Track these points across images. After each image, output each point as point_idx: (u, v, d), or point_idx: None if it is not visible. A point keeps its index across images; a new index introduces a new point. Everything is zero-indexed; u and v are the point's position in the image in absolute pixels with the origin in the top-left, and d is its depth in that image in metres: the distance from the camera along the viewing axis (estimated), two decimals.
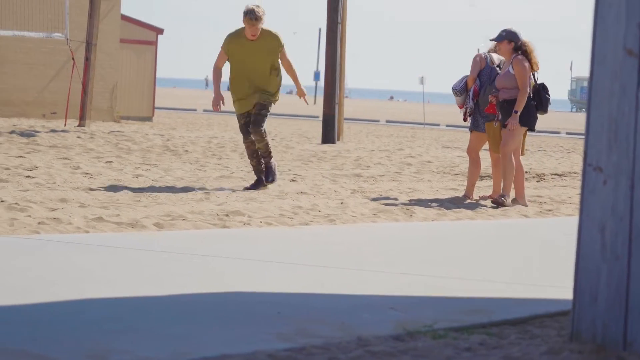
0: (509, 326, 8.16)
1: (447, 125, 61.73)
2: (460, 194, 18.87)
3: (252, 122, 18.14)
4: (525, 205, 18.15)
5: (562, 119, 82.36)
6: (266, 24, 17.83)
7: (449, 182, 22.06)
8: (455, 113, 25.41)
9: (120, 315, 7.88)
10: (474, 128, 19.05)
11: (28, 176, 17.79)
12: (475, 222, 16.37)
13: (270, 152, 18.68)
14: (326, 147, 30.98)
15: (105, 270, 9.94)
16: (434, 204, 17.65)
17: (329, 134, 34.29)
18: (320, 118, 36.88)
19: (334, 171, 22.89)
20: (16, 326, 7.30)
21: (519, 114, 17.58)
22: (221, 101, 18.50)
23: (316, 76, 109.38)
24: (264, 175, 18.60)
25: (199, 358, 6.66)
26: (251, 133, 18.23)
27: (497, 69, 18.67)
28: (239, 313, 8.19)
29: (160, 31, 57.24)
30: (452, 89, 19.09)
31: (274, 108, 19.12)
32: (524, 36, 18.00)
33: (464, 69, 19.38)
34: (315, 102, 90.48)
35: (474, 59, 19.04)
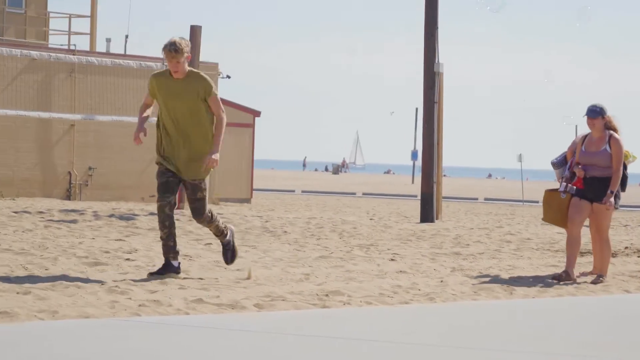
0: None
1: None
2: (560, 270, 18.74)
3: (192, 211, 15.92)
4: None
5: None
6: (357, 101, 17.06)
7: (549, 259, 21.95)
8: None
9: None
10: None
11: (128, 259, 17.90)
12: (578, 298, 16.27)
13: (224, 231, 16.37)
14: (425, 225, 30.95)
15: (206, 352, 9.98)
16: (534, 281, 17.60)
17: (427, 213, 34.31)
18: (419, 197, 36.89)
19: (433, 250, 22.84)
20: None
21: (614, 193, 17.49)
22: (142, 133, 15.76)
23: (414, 155, 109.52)
24: (176, 260, 15.80)
25: None
26: (196, 222, 16.26)
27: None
28: None
29: (257, 113, 57.68)
30: (551, 162, 19.05)
31: (369, 186, 18.27)
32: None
33: (562, 146, 19.26)
34: (413, 182, 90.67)
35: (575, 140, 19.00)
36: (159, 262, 17.75)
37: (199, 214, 15.78)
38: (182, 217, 28.60)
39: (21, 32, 49.37)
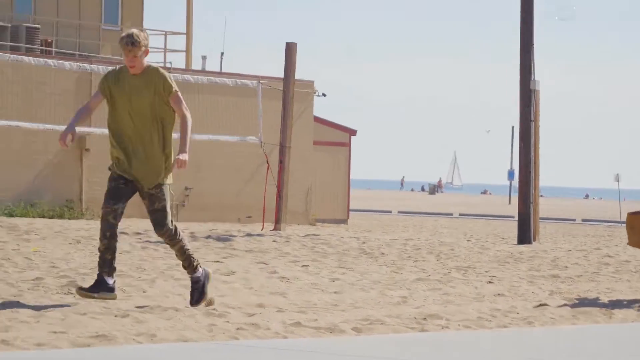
0: None
1: None
2: None
3: (152, 222, 14.60)
4: None
5: None
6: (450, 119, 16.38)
7: None
8: None
9: None
10: None
11: (225, 281, 17.94)
12: None
13: (191, 258, 14.75)
14: (522, 247, 30.82)
15: None
16: (634, 305, 17.48)
17: (524, 234, 34.19)
18: (516, 218, 36.75)
19: (531, 272, 22.74)
20: None
21: None
22: (70, 135, 14.00)
23: (510, 175, 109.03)
24: (111, 276, 14.21)
25: None
26: (158, 235, 14.76)
27: None
28: None
29: (353, 132, 57.70)
30: None
31: (466, 207, 17.90)
32: None
33: None
34: (510, 202, 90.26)
35: None
36: (257, 284, 17.82)
37: (160, 225, 14.53)
38: (279, 238, 28.62)
39: (117, 49, 49.73)
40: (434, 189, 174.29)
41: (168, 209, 14.60)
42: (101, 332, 12.02)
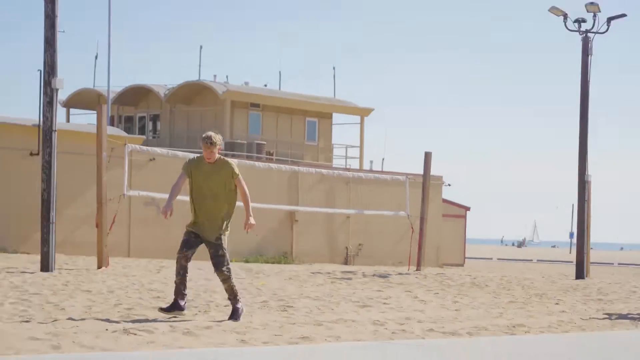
0: None
1: None
2: None
3: (213, 264, 13.75)
4: None
5: None
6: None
7: None
8: None
9: None
10: None
11: (385, 303, 17.94)
12: None
13: (237, 296, 13.80)
14: (578, 281, 30.29)
15: None
16: None
17: (580, 273, 33.45)
18: (574, 262, 36.11)
19: (584, 297, 22.22)
20: None
21: None
22: (170, 211, 13.49)
23: (571, 235, 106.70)
24: (183, 300, 13.57)
25: None
26: (216, 274, 13.77)
27: None
28: None
29: (467, 208, 57.52)
30: None
31: (541, 255, 17.57)
32: None
33: None
34: (570, 252, 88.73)
35: None
36: (405, 304, 17.76)
37: (220, 267, 13.56)
38: (419, 276, 28.49)
39: (315, 157, 50.07)
40: (520, 244, 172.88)
41: (227, 258, 13.72)
42: (304, 335, 12.08)
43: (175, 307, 13.42)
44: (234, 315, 13.59)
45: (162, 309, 13.52)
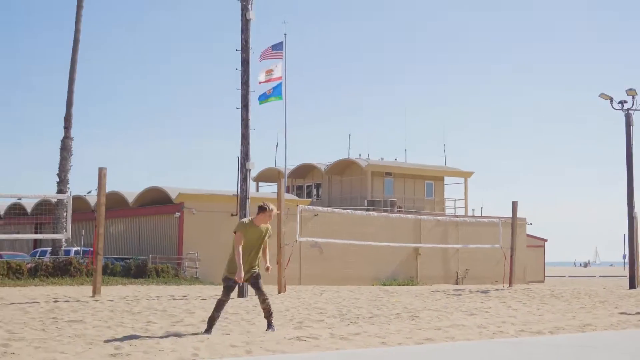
0: None
1: None
2: None
3: (255, 285, 12.15)
4: None
5: None
6: None
7: None
8: None
9: None
10: None
11: (486, 312, 17.39)
12: None
13: (271, 314, 12.34)
14: (631, 290, 29.11)
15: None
16: None
17: (632, 284, 32.44)
18: (627, 276, 34.68)
19: (637, 302, 21.32)
20: None
21: None
22: (242, 273, 11.97)
23: (624, 257, 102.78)
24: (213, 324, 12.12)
25: None
26: (257, 294, 12.16)
27: None
28: None
29: (545, 240, 55.95)
30: None
31: (602, 272, 16.77)
32: None
33: None
34: (624, 269, 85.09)
35: None
36: (502, 312, 17.17)
37: (261, 295, 12.04)
38: (511, 290, 27.66)
39: (432, 208, 49.59)
40: (586, 264, 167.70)
41: (263, 289, 12.14)
42: (428, 337, 11.71)
43: (209, 329, 12.04)
44: (269, 328, 12.26)
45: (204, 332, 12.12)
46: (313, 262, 39.89)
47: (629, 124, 34.08)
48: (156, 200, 40.24)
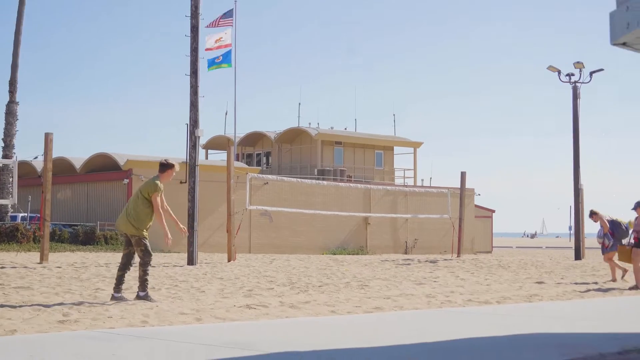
0: None
1: None
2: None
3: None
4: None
5: None
6: None
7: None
8: None
9: (479, 346, 7.62)
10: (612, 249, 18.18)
11: (434, 281, 17.62)
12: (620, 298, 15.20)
13: (146, 287, 11.50)
14: (577, 262, 29.66)
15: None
16: (635, 288, 16.57)
17: (578, 255, 33.11)
18: (573, 248, 35.37)
19: (582, 273, 21.73)
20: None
21: None
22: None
23: (569, 228, 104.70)
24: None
25: None
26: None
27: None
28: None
29: (493, 211, 56.59)
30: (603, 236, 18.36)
31: (549, 243, 17.11)
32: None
33: None
34: (570, 240, 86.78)
35: (604, 219, 18.22)
36: (450, 282, 17.42)
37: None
38: (459, 261, 27.99)
39: (381, 178, 49.83)
40: (533, 235, 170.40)
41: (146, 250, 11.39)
42: (376, 305, 11.83)
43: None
44: (137, 298, 11.42)
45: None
46: (263, 230, 39.90)
47: (575, 97, 34.51)
48: (104, 167, 39.79)
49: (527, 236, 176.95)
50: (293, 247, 40.09)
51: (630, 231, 17.18)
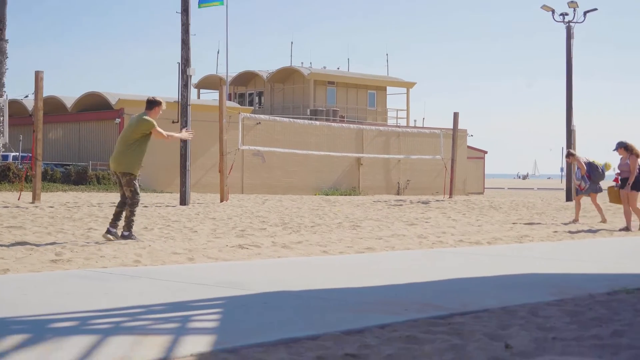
0: None
1: None
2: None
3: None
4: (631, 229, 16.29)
5: None
6: None
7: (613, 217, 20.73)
8: None
9: (469, 285, 7.71)
10: (591, 191, 18.41)
11: (426, 222, 17.72)
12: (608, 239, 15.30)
13: (131, 227, 11.61)
14: (568, 203, 29.85)
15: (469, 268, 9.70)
16: (611, 230, 16.67)
17: (569, 197, 33.19)
18: (564, 189, 35.48)
19: (572, 214, 21.93)
20: (424, 292, 7.25)
21: (629, 184, 16.23)
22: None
23: (561, 169, 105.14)
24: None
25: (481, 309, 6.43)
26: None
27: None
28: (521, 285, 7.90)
29: (485, 152, 56.72)
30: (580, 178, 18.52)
31: (541, 185, 17.11)
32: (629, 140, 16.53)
33: None
34: (562, 182, 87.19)
35: (581, 161, 18.41)
36: (441, 223, 17.52)
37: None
38: (451, 202, 28.10)
39: (374, 118, 49.74)
40: (524, 177, 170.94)
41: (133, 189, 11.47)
42: (369, 246, 11.90)
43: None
44: (123, 237, 11.45)
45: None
46: (255, 171, 39.93)
47: (569, 37, 34.35)
48: (96, 106, 39.57)
49: (519, 177, 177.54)
50: (285, 188, 40.17)
51: (611, 172, 17.30)
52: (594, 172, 18.31)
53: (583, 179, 18.38)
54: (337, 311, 6.00)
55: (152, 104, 11.73)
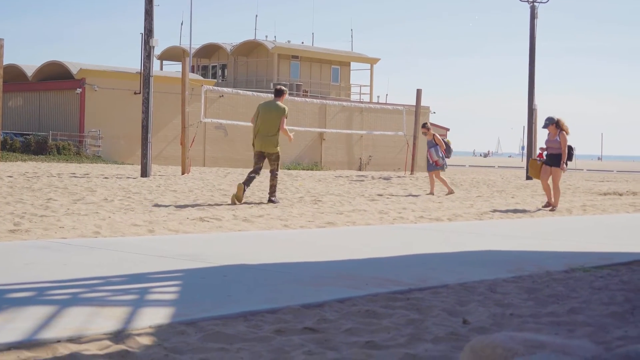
0: (621, 266, 7.73)
1: None
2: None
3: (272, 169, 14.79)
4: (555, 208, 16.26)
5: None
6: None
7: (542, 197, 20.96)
8: None
9: (429, 261, 7.75)
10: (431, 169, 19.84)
11: (388, 198, 17.76)
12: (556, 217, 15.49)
13: (275, 192, 14.74)
14: (528, 181, 30.10)
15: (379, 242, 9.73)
16: (582, 206, 16.87)
17: (528, 176, 33.54)
18: (524, 168, 35.86)
19: (531, 192, 22.13)
20: (375, 267, 7.27)
21: (564, 162, 16.27)
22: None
23: (522, 148, 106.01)
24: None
25: (471, 281, 6.48)
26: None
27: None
28: (496, 263, 7.96)
29: (448, 129, 57.01)
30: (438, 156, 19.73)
31: (502, 163, 16.91)
32: (558, 115, 16.49)
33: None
34: (522, 160, 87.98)
35: (438, 136, 20.24)
36: (401, 199, 17.58)
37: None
38: (412, 177, 28.20)
39: (337, 94, 49.69)
40: (486, 155, 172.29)
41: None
42: (330, 221, 11.89)
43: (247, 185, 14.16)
44: (270, 202, 14.18)
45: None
46: (218, 144, 39.74)
47: (533, 17, 34.54)
48: (57, 75, 38.99)
49: (480, 155, 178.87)
50: (247, 161, 39.92)
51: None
52: (448, 150, 19.84)
53: (438, 154, 19.50)
54: (296, 285, 6.00)
55: (281, 92, 14.16)
